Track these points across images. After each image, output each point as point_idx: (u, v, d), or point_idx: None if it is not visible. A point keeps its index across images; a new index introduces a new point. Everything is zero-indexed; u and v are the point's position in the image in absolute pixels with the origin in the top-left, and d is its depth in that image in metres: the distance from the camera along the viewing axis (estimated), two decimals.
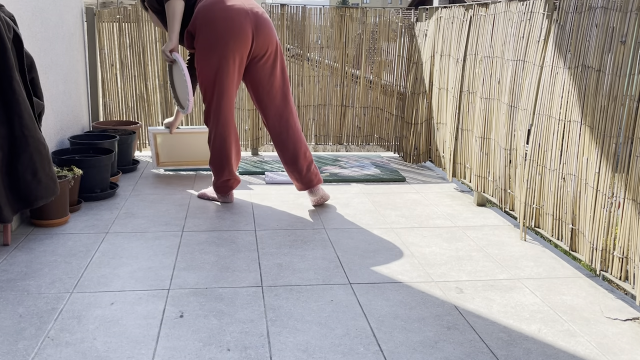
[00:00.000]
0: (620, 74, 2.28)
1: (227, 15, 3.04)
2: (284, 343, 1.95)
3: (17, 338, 1.93)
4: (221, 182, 3.36)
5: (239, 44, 3.08)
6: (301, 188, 3.38)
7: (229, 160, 3.29)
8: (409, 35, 4.62)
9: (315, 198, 3.40)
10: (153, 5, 3.28)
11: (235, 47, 3.07)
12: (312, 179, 3.35)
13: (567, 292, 2.40)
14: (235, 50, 3.07)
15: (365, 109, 4.81)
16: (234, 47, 3.07)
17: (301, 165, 3.31)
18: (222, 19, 3.04)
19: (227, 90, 3.14)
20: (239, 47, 3.08)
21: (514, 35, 3.05)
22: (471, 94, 3.59)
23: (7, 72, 2.42)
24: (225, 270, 2.49)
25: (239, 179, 3.41)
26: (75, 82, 4.07)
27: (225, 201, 3.42)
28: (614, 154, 2.32)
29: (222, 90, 3.14)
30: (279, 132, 3.29)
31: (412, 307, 2.22)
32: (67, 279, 2.37)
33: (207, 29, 3.05)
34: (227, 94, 3.16)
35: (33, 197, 2.58)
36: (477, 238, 2.99)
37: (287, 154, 3.31)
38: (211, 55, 3.07)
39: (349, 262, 2.62)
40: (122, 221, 3.06)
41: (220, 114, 3.18)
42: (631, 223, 2.22)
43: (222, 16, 3.04)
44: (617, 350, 1.97)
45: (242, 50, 3.10)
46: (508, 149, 3.11)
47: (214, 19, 3.04)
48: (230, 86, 3.15)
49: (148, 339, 1.94)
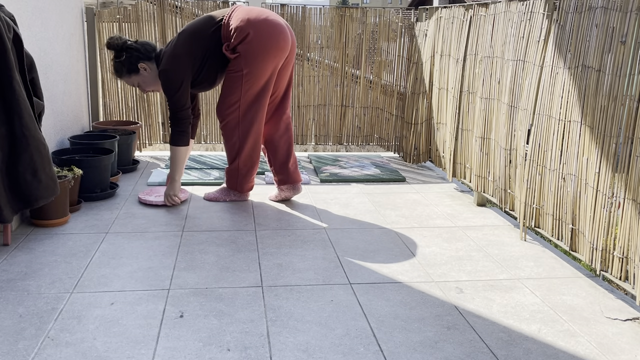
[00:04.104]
0: (620, 74, 2.28)
1: (278, 32, 3.07)
2: (284, 343, 1.95)
3: (17, 338, 1.93)
4: (248, 186, 3.43)
5: (281, 60, 3.14)
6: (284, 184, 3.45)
7: (257, 164, 3.37)
8: (409, 35, 4.62)
9: (290, 194, 3.47)
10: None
11: (279, 63, 3.13)
12: (297, 176, 3.45)
13: (567, 292, 2.40)
14: (278, 65, 3.14)
15: (365, 109, 4.81)
16: (279, 63, 3.14)
17: (290, 165, 3.41)
18: (273, 36, 3.06)
19: (266, 101, 3.20)
20: (280, 62, 3.14)
21: (514, 35, 3.05)
22: (471, 94, 3.59)
23: (7, 72, 2.42)
24: (225, 270, 2.49)
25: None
26: (75, 82, 4.07)
27: (244, 199, 3.48)
28: (614, 154, 2.32)
29: (264, 102, 3.18)
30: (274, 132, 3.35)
31: (412, 307, 2.22)
32: (67, 279, 2.37)
33: (261, 48, 3.05)
34: (265, 104, 3.21)
35: (33, 197, 2.58)
36: (477, 238, 2.99)
37: (280, 154, 3.38)
38: (264, 73, 3.09)
39: (349, 262, 2.63)
40: (122, 221, 3.06)
41: (257, 122, 3.21)
42: (631, 223, 2.22)
43: (273, 34, 3.06)
44: (617, 350, 1.97)
45: (280, 64, 3.16)
46: (508, 149, 3.11)
47: (267, 36, 3.05)
48: (269, 96, 3.22)
49: (148, 339, 1.94)
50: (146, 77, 3.25)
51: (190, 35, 3.11)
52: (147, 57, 3.22)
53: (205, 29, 3.12)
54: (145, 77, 3.25)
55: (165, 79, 3.11)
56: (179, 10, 4.43)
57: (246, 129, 3.20)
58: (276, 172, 3.42)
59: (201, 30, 3.11)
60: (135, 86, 3.33)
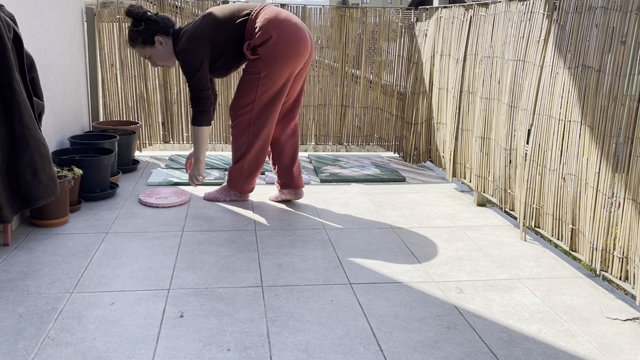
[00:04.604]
0: (620, 74, 2.28)
1: (300, 37, 3.07)
2: (284, 343, 1.95)
3: (17, 338, 1.93)
4: (250, 187, 3.43)
5: (299, 66, 3.13)
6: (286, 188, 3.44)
7: (261, 167, 3.36)
8: (409, 35, 4.62)
9: (291, 198, 3.46)
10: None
11: (296, 69, 3.13)
12: (300, 182, 3.43)
13: (567, 292, 2.40)
14: (295, 71, 3.14)
15: (365, 109, 4.81)
16: (296, 69, 3.13)
17: (294, 170, 3.40)
18: (295, 42, 3.05)
19: (279, 105, 3.19)
20: (297, 68, 3.14)
21: (514, 36, 3.05)
22: (471, 94, 3.59)
23: (7, 72, 2.42)
24: (225, 270, 2.49)
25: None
26: (75, 82, 4.07)
27: (244, 199, 3.48)
28: (614, 154, 2.32)
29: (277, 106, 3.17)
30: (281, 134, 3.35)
31: (412, 307, 2.22)
32: (67, 279, 2.37)
33: (282, 52, 3.04)
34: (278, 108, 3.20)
35: (33, 197, 2.58)
36: (477, 238, 2.99)
37: (285, 158, 3.36)
38: (281, 77, 3.09)
39: (349, 262, 2.63)
40: (122, 221, 3.06)
41: (268, 126, 3.20)
42: (631, 223, 2.22)
43: (296, 40, 3.06)
44: (617, 350, 1.97)
45: (297, 70, 3.16)
46: (508, 149, 3.11)
47: (289, 42, 3.04)
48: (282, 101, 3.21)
49: (148, 339, 1.94)
50: (160, 51, 3.23)
51: (215, 21, 3.09)
52: (165, 32, 3.19)
53: (231, 19, 3.10)
54: (159, 52, 3.23)
55: (185, 59, 3.09)
56: (179, 10, 4.43)
57: (256, 131, 3.19)
58: (279, 175, 3.41)
59: (227, 20, 3.10)
60: (146, 58, 3.30)
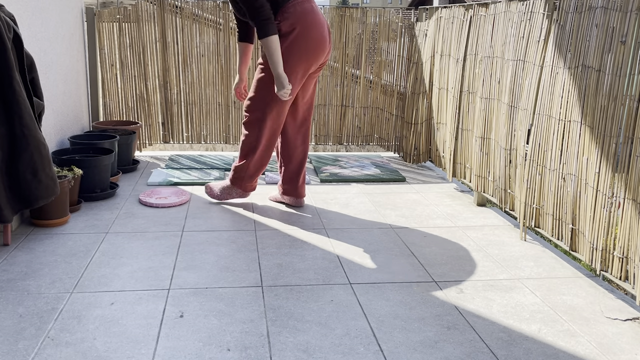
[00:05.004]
0: (620, 74, 2.28)
1: (322, 36, 3.06)
2: (284, 343, 1.95)
3: (17, 338, 1.93)
4: (252, 186, 3.40)
5: (314, 65, 3.13)
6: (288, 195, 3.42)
7: (265, 167, 3.35)
8: (409, 35, 4.62)
9: (290, 203, 3.44)
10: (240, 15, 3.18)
11: (311, 67, 3.12)
12: (302, 192, 3.41)
13: (567, 292, 2.40)
14: (309, 69, 3.12)
15: (365, 109, 4.81)
16: (311, 68, 3.12)
17: (300, 179, 3.39)
18: (316, 42, 3.05)
19: (288, 104, 3.17)
20: (312, 67, 3.13)
21: (514, 35, 3.05)
22: (471, 94, 3.59)
23: (7, 72, 2.42)
24: (225, 270, 2.49)
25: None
26: (75, 82, 4.07)
27: (244, 196, 3.46)
28: (614, 154, 2.32)
29: (286, 105, 3.16)
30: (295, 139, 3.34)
31: (412, 307, 2.22)
32: (67, 279, 2.37)
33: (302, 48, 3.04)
34: (286, 108, 3.18)
35: (33, 197, 2.58)
36: (477, 238, 2.99)
37: (293, 164, 3.36)
38: (297, 69, 3.07)
39: (349, 262, 2.63)
40: (122, 221, 3.06)
41: (277, 123, 3.19)
42: (631, 223, 2.22)
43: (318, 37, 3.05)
44: (617, 350, 1.97)
45: (312, 69, 3.14)
46: (508, 149, 3.11)
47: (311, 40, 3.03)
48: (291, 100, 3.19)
49: (148, 339, 1.94)
50: None
51: None
52: None
53: None
54: None
55: None
56: (179, 10, 4.43)
57: (265, 128, 3.18)
58: (284, 181, 3.40)
59: None
60: None
